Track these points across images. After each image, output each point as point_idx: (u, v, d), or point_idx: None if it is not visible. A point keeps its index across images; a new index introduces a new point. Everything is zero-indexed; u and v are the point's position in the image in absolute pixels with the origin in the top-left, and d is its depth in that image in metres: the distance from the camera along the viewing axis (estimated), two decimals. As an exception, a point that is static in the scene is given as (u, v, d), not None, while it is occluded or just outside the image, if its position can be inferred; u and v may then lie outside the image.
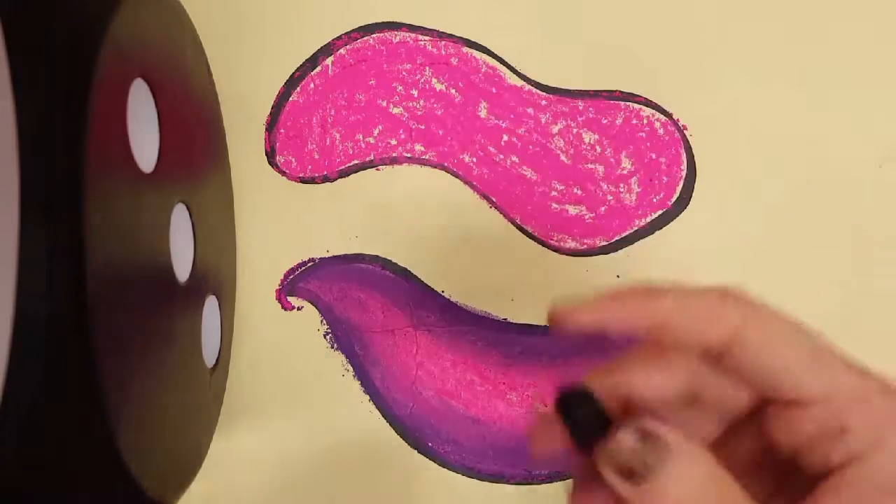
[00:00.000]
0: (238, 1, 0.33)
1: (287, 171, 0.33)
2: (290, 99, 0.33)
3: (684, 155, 0.33)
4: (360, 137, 0.33)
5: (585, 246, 0.33)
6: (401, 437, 0.33)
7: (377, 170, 0.33)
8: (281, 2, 0.33)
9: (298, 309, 0.33)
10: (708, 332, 0.18)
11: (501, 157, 0.33)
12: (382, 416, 0.33)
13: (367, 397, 0.33)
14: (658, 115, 0.33)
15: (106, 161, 0.19)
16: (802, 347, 0.18)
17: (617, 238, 0.33)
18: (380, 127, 0.33)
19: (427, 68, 0.33)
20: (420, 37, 0.33)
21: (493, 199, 0.33)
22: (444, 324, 0.33)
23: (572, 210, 0.33)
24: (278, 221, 0.33)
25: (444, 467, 0.33)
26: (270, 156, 0.33)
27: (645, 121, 0.33)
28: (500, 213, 0.33)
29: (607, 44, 0.33)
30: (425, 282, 0.33)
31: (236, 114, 0.33)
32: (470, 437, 0.33)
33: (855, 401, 0.18)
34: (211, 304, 0.29)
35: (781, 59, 0.33)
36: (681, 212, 0.33)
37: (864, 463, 0.17)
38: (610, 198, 0.33)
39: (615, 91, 0.33)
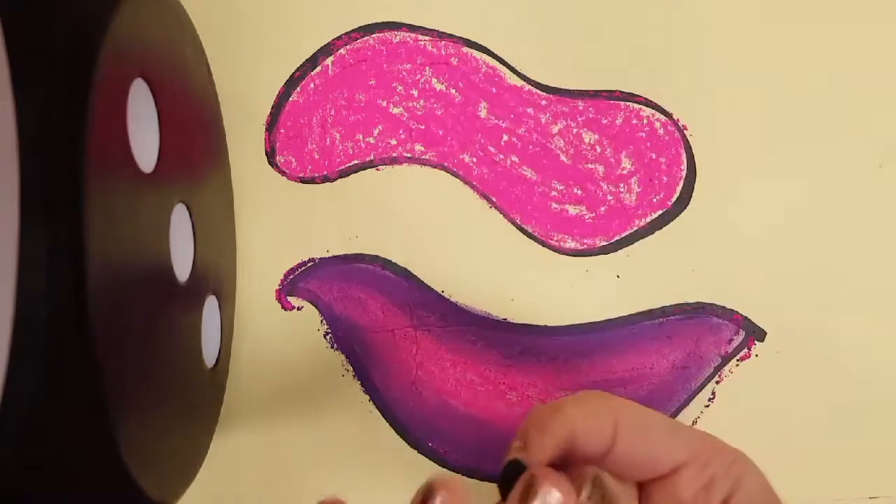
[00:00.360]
0: (238, 1, 0.33)
1: (287, 171, 0.33)
2: (290, 99, 0.33)
3: (684, 155, 0.33)
4: (360, 137, 0.33)
5: (585, 246, 0.33)
6: (401, 437, 0.33)
7: (377, 170, 0.33)
8: (281, 2, 0.33)
9: (298, 309, 0.33)
10: (603, 437, 0.21)
11: (501, 157, 0.33)
12: (382, 416, 0.33)
13: (367, 397, 0.33)
14: (658, 115, 0.33)
15: (106, 161, 0.19)
16: (664, 427, 0.21)
17: (617, 238, 0.33)
18: (380, 127, 0.33)
19: (427, 68, 0.33)
20: (420, 37, 0.33)
21: (493, 199, 0.33)
22: (444, 324, 0.33)
23: (572, 210, 0.33)
24: (278, 221, 0.33)
25: (444, 467, 0.33)
26: (270, 156, 0.33)
27: (645, 121, 0.33)
28: (500, 213, 0.33)
29: (607, 44, 0.33)
30: (425, 282, 0.33)
31: (236, 114, 0.33)
32: (470, 437, 0.33)
33: (707, 456, 0.21)
34: (211, 304, 0.29)
35: (781, 59, 0.33)
36: (681, 212, 0.33)
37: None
38: (610, 198, 0.33)
39: (615, 91, 0.33)
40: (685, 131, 0.33)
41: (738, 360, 0.33)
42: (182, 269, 0.26)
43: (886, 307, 0.33)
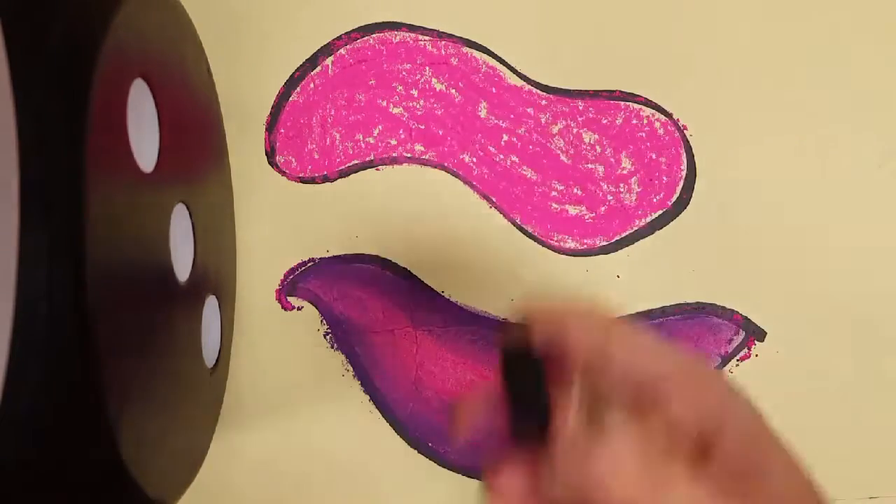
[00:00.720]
0: (238, 1, 0.33)
1: (287, 171, 0.33)
2: (290, 99, 0.33)
3: (684, 155, 0.33)
4: (360, 137, 0.33)
5: (585, 246, 0.33)
6: (401, 437, 0.33)
7: (377, 170, 0.33)
8: (281, 2, 0.33)
9: (298, 309, 0.33)
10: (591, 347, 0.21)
11: (501, 157, 0.33)
12: (382, 416, 0.33)
13: (367, 397, 0.33)
14: (658, 115, 0.33)
15: (106, 161, 0.19)
16: (651, 341, 0.21)
17: (617, 238, 0.33)
18: (380, 127, 0.33)
19: (427, 68, 0.33)
20: (420, 37, 0.33)
21: (493, 199, 0.33)
22: (444, 324, 0.33)
23: (572, 210, 0.33)
24: (278, 221, 0.33)
25: (444, 467, 0.33)
26: (270, 156, 0.33)
27: (645, 121, 0.33)
28: (500, 213, 0.33)
29: (607, 44, 0.33)
30: (425, 282, 0.33)
31: (236, 114, 0.33)
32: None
33: (692, 377, 0.20)
34: (211, 304, 0.29)
35: (781, 60, 0.33)
36: (681, 212, 0.33)
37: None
38: (610, 198, 0.33)
39: (615, 91, 0.33)
40: (685, 131, 0.33)
41: (738, 360, 0.33)
42: (182, 269, 0.26)
43: (886, 307, 0.33)
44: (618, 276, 0.33)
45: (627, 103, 0.33)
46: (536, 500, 0.21)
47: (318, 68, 0.33)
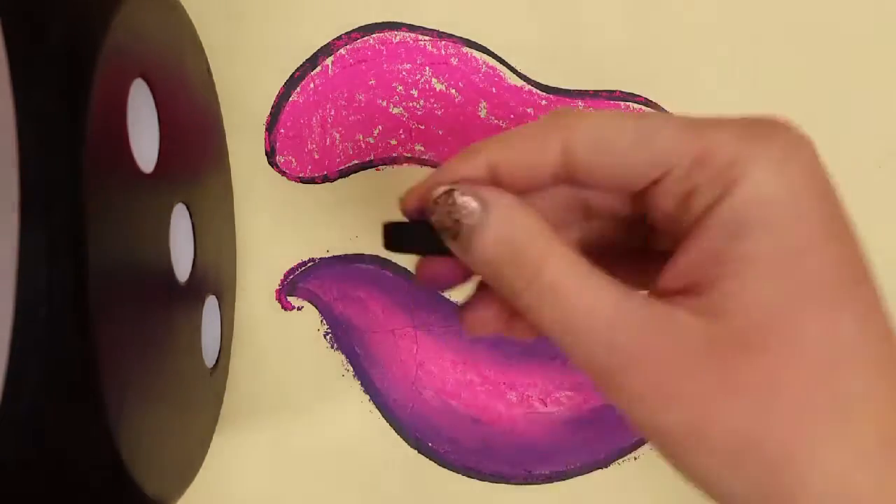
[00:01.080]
0: (238, 1, 0.33)
1: (287, 171, 0.33)
2: (290, 99, 0.33)
3: (684, 155, 0.33)
4: (360, 137, 0.33)
5: (585, 246, 0.33)
6: (401, 437, 0.33)
7: (377, 170, 0.33)
8: (281, 2, 0.33)
9: (298, 309, 0.33)
10: (538, 166, 0.19)
11: (501, 157, 0.33)
12: (382, 416, 0.33)
13: (367, 397, 0.33)
14: (658, 115, 0.33)
15: (106, 161, 0.19)
16: (631, 138, 0.18)
17: (617, 238, 0.33)
18: (380, 127, 0.33)
19: (427, 68, 0.33)
20: (420, 37, 0.33)
21: (493, 199, 0.33)
22: (444, 324, 0.33)
23: (572, 210, 0.33)
24: (278, 221, 0.33)
25: (444, 467, 0.33)
26: (270, 156, 0.33)
27: (645, 121, 0.33)
28: (500, 213, 0.33)
29: (607, 44, 0.33)
30: (425, 282, 0.33)
31: (236, 114, 0.33)
32: (470, 437, 0.33)
33: (692, 160, 0.18)
34: (211, 304, 0.29)
35: (781, 60, 0.33)
36: (681, 212, 0.33)
37: (716, 210, 0.17)
38: (610, 198, 0.33)
39: (615, 91, 0.33)
40: (685, 131, 0.33)
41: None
42: (182, 269, 0.26)
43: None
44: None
45: (627, 103, 0.33)
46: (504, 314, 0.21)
47: (318, 68, 0.33)
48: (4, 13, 0.17)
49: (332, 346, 0.33)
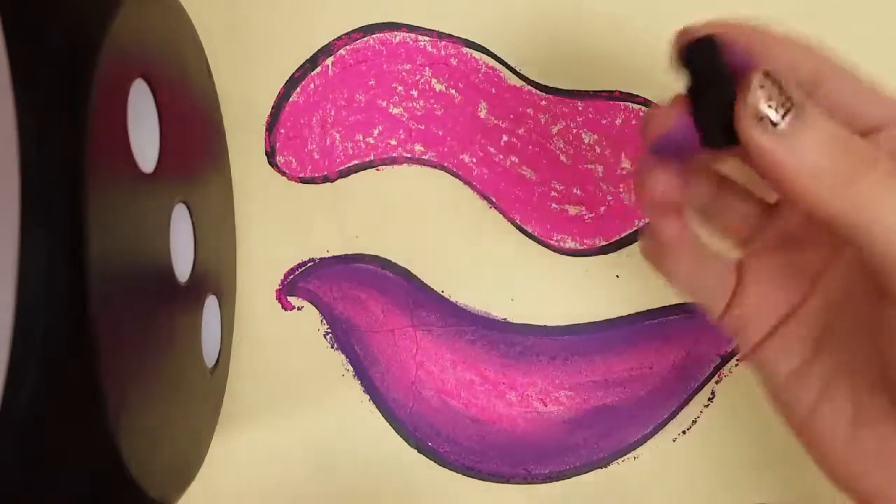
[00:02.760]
0: (238, 1, 0.33)
1: (287, 171, 0.33)
2: (290, 99, 0.33)
3: (684, 155, 0.33)
4: (360, 137, 0.33)
5: (585, 246, 0.33)
6: (401, 437, 0.33)
7: (377, 170, 0.33)
8: (281, 2, 0.33)
9: (298, 309, 0.33)
10: (801, 66, 0.21)
11: (501, 157, 0.33)
12: (382, 416, 0.33)
13: (367, 397, 0.33)
14: (658, 115, 0.33)
15: (106, 161, 0.19)
16: (868, 83, 0.21)
17: (617, 238, 0.33)
18: (380, 127, 0.33)
19: (427, 68, 0.33)
20: (420, 37, 0.33)
21: (493, 199, 0.33)
22: (444, 324, 0.33)
23: (572, 210, 0.33)
24: (278, 221, 0.33)
25: (444, 467, 0.33)
26: (270, 156, 0.33)
27: (645, 121, 0.33)
28: (500, 213, 0.33)
29: (607, 44, 0.33)
30: (425, 282, 0.33)
31: (236, 114, 0.33)
32: (470, 437, 0.33)
33: None
34: (211, 304, 0.29)
35: (781, 60, 0.33)
36: (681, 212, 0.33)
37: None
38: (610, 198, 0.33)
39: (615, 91, 0.33)
40: (685, 131, 0.33)
41: (737, 360, 0.33)
42: (182, 269, 0.26)
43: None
44: (617, 276, 0.33)
45: (627, 103, 0.33)
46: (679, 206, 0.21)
47: (318, 68, 0.33)
48: (4, 13, 0.17)
49: (332, 346, 0.33)
